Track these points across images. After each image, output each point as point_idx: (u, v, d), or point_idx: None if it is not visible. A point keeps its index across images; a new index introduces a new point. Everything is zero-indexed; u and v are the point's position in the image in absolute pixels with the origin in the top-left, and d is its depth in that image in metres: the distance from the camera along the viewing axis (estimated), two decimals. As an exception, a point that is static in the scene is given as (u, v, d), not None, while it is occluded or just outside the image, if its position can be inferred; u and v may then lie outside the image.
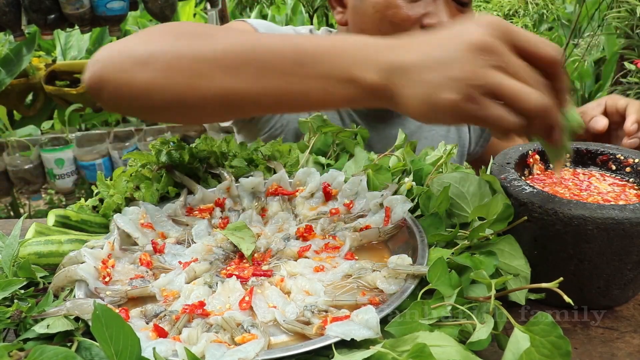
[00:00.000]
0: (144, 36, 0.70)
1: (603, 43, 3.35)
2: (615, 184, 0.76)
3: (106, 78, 0.68)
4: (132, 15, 3.92)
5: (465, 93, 0.52)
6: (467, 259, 0.64)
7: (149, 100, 0.67)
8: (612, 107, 0.95)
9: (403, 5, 0.97)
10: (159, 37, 0.69)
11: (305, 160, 0.95)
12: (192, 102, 0.65)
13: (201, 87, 0.64)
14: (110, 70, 0.68)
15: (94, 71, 0.69)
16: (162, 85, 0.65)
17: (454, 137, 1.26)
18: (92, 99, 2.91)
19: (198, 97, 0.65)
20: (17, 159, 2.67)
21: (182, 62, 0.65)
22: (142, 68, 0.66)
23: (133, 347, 0.51)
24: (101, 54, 0.70)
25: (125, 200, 0.84)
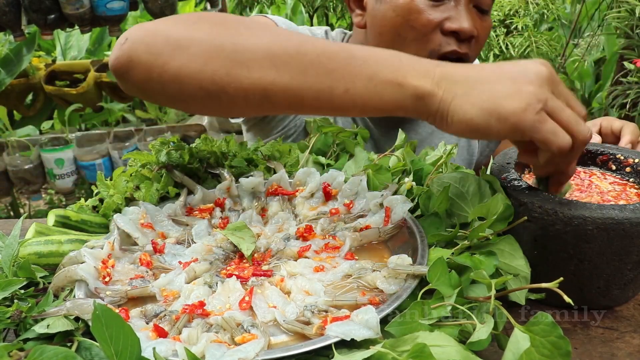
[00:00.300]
0: (180, 21, 0.67)
1: (603, 43, 3.35)
2: (617, 183, 0.76)
3: (137, 59, 0.64)
4: (132, 15, 3.92)
5: (530, 104, 0.57)
6: (467, 259, 0.64)
7: (183, 86, 0.63)
8: (607, 127, 0.97)
9: (425, 10, 0.96)
10: (197, 23, 0.66)
11: (305, 160, 0.95)
12: (229, 91, 0.63)
13: (240, 77, 0.62)
14: (142, 50, 0.64)
15: (123, 50, 0.66)
16: (199, 72, 0.62)
17: (464, 144, 1.26)
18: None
19: (236, 87, 0.62)
20: (17, 159, 2.67)
21: (224, 50, 0.62)
22: (179, 52, 0.63)
23: (133, 347, 0.51)
24: (132, 33, 0.66)
25: (125, 200, 0.84)
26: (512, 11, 2.23)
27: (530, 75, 0.58)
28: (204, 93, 0.64)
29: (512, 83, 0.58)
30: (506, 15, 2.24)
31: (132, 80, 0.67)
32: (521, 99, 0.57)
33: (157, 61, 0.64)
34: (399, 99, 0.60)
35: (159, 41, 0.64)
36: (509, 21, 2.22)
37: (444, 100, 0.59)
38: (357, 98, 0.61)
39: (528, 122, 0.57)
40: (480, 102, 0.58)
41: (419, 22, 0.96)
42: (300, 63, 0.61)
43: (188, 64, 0.63)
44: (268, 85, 0.62)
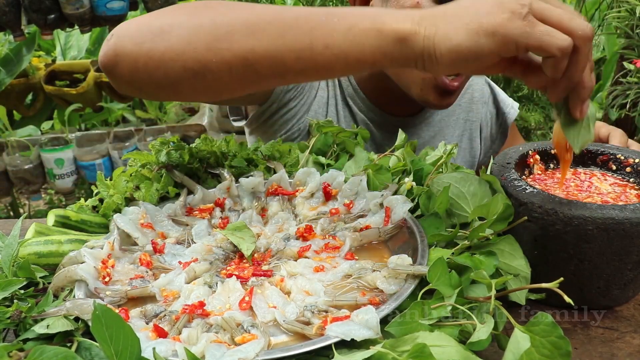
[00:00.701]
0: (160, 12, 0.69)
1: (603, 43, 3.35)
2: (617, 184, 0.76)
3: (122, 51, 0.66)
4: (132, 15, 3.92)
5: (514, 11, 0.54)
6: (467, 259, 0.64)
7: (168, 70, 0.65)
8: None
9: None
10: (176, 11, 0.68)
11: (305, 160, 0.95)
12: (212, 67, 0.63)
13: (222, 50, 0.62)
14: (127, 42, 0.66)
15: (109, 45, 0.68)
16: (182, 53, 0.63)
17: (466, 146, 1.26)
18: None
19: (218, 60, 0.63)
20: (17, 159, 2.67)
21: (203, 27, 0.63)
22: (161, 37, 0.64)
23: (133, 347, 0.51)
24: (118, 29, 0.68)
25: (125, 200, 0.84)
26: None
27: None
28: (189, 73, 0.64)
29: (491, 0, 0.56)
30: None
31: (120, 74, 0.68)
32: (504, 8, 0.55)
33: (141, 50, 0.65)
34: (381, 45, 0.59)
35: (142, 31, 0.66)
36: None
37: (428, 36, 0.57)
38: (338, 51, 0.60)
39: (517, 29, 0.54)
40: (464, 25, 0.56)
41: None
42: (278, 27, 0.61)
43: (171, 47, 0.64)
44: (248, 54, 0.62)
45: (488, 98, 1.27)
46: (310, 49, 0.61)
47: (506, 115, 1.29)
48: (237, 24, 0.63)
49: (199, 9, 0.67)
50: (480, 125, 1.26)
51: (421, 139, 1.19)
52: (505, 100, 1.30)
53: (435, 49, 0.57)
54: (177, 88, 0.69)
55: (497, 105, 1.29)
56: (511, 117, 1.29)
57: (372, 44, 0.59)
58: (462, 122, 1.24)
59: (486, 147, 1.30)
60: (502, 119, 1.30)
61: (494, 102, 1.29)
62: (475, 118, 1.25)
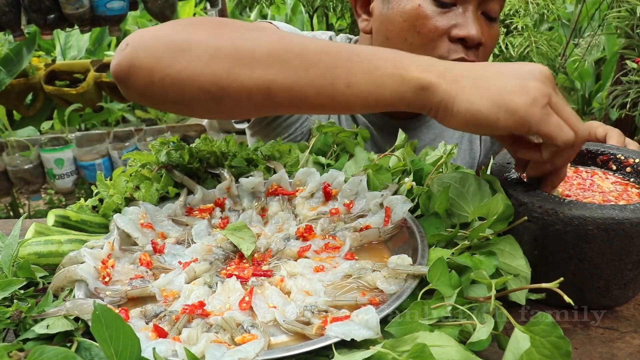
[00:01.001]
0: (179, 26, 0.67)
1: (603, 43, 3.35)
2: (618, 183, 0.76)
3: (138, 63, 0.65)
4: (132, 15, 3.92)
5: (537, 98, 0.59)
6: (467, 259, 0.64)
7: (185, 89, 0.64)
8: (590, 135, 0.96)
9: (432, 16, 0.95)
10: (197, 26, 0.66)
11: (305, 160, 0.95)
12: (230, 92, 0.63)
13: (242, 76, 0.62)
14: (144, 55, 0.64)
15: (124, 55, 0.66)
16: (200, 74, 0.62)
17: (465, 148, 1.26)
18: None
19: (238, 86, 0.62)
20: (16, 159, 2.67)
21: (223, 50, 0.62)
22: (180, 55, 0.63)
23: (133, 348, 0.51)
24: (133, 38, 0.66)
25: (125, 200, 0.84)
26: (512, 11, 2.23)
27: (534, 73, 0.60)
28: (206, 95, 0.64)
29: (518, 79, 0.60)
30: (506, 15, 2.23)
31: (133, 85, 0.67)
32: (529, 93, 0.59)
33: (158, 65, 0.64)
34: (400, 91, 0.61)
35: (159, 45, 0.64)
36: (509, 21, 2.22)
37: (449, 91, 0.60)
38: (359, 92, 0.61)
39: (536, 116, 0.58)
40: (489, 94, 0.59)
41: (426, 28, 0.95)
42: (302, 60, 0.61)
43: (189, 66, 0.63)
44: (270, 84, 0.62)
45: None
46: (332, 86, 0.61)
47: None
48: (260, 50, 0.62)
49: (219, 28, 0.65)
50: None
51: (421, 142, 1.19)
52: None
53: (454, 105, 0.60)
54: (191, 107, 0.68)
55: None
56: None
57: (393, 89, 0.61)
58: None
59: (486, 149, 1.30)
60: None
61: None
62: None
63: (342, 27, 3.71)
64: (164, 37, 0.65)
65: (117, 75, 0.67)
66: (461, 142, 1.24)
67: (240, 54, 0.62)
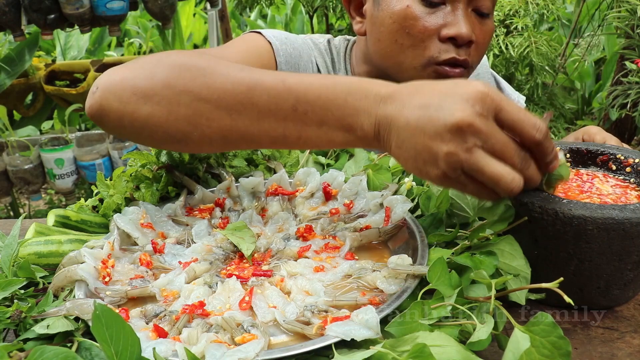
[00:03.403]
0: (144, 67, 0.69)
1: (603, 43, 3.35)
2: (618, 186, 0.76)
3: (108, 107, 0.68)
4: (132, 15, 3.93)
5: (445, 171, 0.57)
6: (467, 259, 0.64)
7: (153, 133, 0.68)
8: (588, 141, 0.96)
9: (421, 16, 0.94)
10: (160, 70, 0.68)
11: (305, 160, 0.95)
12: (193, 138, 0.67)
13: (202, 126, 0.66)
14: (112, 100, 0.68)
15: (95, 99, 0.69)
16: (165, 121, 0.66)
17: None
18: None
19: (200, 134, 0.66)
20: (17, 159, 2.67)
21: (183, 99, 0.65)
22: (144, 101, 0.66)
23: (133, 347, 0.51)
24: (102, 82, 0.69)
25: (125, 200, 0.84)
26: (512, 11, 2.23)
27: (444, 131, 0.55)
28: (173, 139, 0.68)
29: (429, 142, 0.56)
30: (506, 15, 2.23)
31: (107, 126, 0.71)
32: (435, 164, 0.57)
33: (126, 109, 0.67)
34: (349, 141, 0.64)
35: (126, 90, 0.67)
36: (509, 21, 2.22)
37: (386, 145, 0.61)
38: (310, 142, 0.66)
39: (448, 186, 0.60)
40: (408, 159, 0.59)
41: (415, 29, 0.95)
42: (252, 112, 0.64)
43: (153, 114, 0.66)
44: (227, 133, 0.66)
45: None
46: (283, 138, 0.65)
47: None
48: (214, 100, 0.65)
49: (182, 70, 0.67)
50: None
51: None
52: (511, 94, 1.30)
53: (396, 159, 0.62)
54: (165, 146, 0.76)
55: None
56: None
57: (342, 140, 0.64)
58: None
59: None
60: None
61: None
62: None
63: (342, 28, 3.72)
64: (130, 80, 0.68)
65: (91, 117, 0.71)
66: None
67: (197, 104, 0.65)
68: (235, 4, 3.35)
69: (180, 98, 0.65)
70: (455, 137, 0.55)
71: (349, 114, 0.62)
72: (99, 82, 0.70)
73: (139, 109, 0.66)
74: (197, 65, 0.68)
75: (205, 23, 3.79)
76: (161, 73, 0.67)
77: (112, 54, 3.84)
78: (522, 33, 2.18)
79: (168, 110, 0.66)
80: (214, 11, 2.84)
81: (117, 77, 0.69)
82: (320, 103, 0.62)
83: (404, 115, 0.59)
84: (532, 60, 2.18)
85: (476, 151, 0.55)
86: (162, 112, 0.66)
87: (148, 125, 0.67)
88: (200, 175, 0.91)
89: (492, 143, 0.55)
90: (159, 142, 0.72)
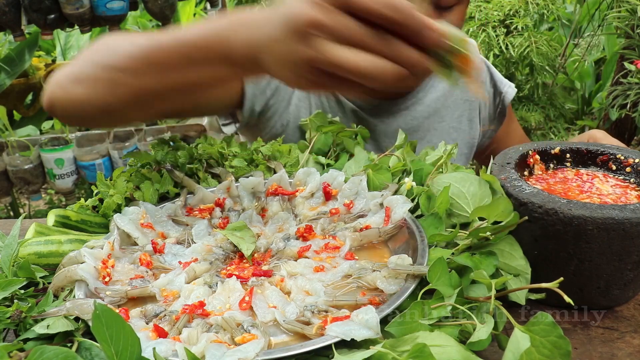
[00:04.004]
0: (80, 58, 0.79)
1: (603, 43, 3.35)
2: (618, 186, 0.76)
3: (54, 97, 0.79)
4: (132, 15, 3.92)
5: (297, 73, 0.55)
6: (467, 259, 0.64)
7: (86, 111, 0.78)
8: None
9: None
10: (87, 55, 0.79)
11: (305, 160, 0.95)
12: (117, 106, 0.76)
13: (119, 93, 0.74)
14: (56, 89, 0.79)
15: (46, 93, 0.80)
16: (94, 96, 0.76)
17: (465, 128, 1.23)
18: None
19: (119, 100, 0.75)
20: (17, 159, 2.67)
21: (100, 73, 0.75)
22: (76, 85, 0.77)
23: (133, 347, 0.51)
24: (52, 77, 0.80)
25: (125, 200, 0.84)
26: (512, 11, 2.23)
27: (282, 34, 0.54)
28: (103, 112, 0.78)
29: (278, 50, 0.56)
30: (506, 15, 2.23)
31: (58, 114, 0.81)
32: (289, 68, 0.56)
33: (66, 95, 0.78)
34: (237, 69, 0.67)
35: (64, 79, 0.79)
36: (509, 21, 2.22)
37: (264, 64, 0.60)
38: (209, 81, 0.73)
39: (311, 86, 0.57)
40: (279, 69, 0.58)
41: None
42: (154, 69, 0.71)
43: (84, 92, 0.76)
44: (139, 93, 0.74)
45: (485, 77, 1.26)
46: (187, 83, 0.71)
47: (504, 95, 1.27)
48: (123, 67, 0.73)
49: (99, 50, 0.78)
50: (479, 105, 1.24)
51: (415, 120, 1.16)
52: (502, 80, 1.29)
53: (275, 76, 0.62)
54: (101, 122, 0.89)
55: (494, 85, 1.27)
56: (509, 97, 1.28)
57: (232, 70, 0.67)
58: (461, 102, 1.22)
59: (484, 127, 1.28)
60: (499, 99, 1.28)
61: (491, 81, 1.27)
62: (474, 98, 1.23)
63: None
64: (67, 69, 0.79)
65: (46, 109, 0.80)
66: (460, 121, 1.22)
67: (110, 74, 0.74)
68: (235, 4, 3.35)
69: (99, 72, 0.75)
70: (301, 37, 0.52)
71: (226, 46, 0.63)
72: (50, 78, 0.80)
73: (74, 91, 0.77)
74: (112, 40, 0.77)
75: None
76: (87, 56, 0.79)
77: (112, 54, 3.83)
78: (522, 33, 2.18)
79: (93, 86, 0.75)
80: (214, 11, 2.83)
81: (60, 70, 0.80)
82: (202, 45, 0.66)
83: (263, 33, 0.58)
84: (532, 60, 2.18)
85: (324, 45, 0.51)
86: (89, 89, 0.75)
87: (83, 105, 0.77)
88: (200, 175, 0.91)
89: (340, 32, 0.51)
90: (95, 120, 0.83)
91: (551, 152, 0.81)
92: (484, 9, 2.27)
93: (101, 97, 0.75)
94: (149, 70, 0.71)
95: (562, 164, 0.82)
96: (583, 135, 1.02)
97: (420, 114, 1.18)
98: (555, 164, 0.82)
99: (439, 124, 1.20)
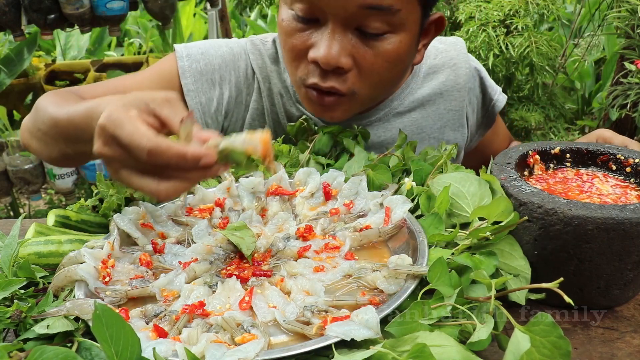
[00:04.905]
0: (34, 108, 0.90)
1: (603, 43, 3.35)
2: (618, 186, 0.76)
3: (26, 143, 0.95)
4: (132, 15, 3.92)
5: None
6: (467, 259, 0.64)
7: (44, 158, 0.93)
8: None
9: (292, 33, 0.87)
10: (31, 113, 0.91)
11: (306, 160, 0.95)
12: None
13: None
14: (23, 136, 0.96)
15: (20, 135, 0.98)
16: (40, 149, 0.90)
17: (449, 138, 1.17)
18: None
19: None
20: (17, 159, 2.67)
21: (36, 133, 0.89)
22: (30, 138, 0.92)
23: (133, 347, 0.51)
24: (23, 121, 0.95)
25: (125, 200, 0.84)
26: (512, 11, 2.23)
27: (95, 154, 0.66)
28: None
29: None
30: (506, 15, 2.23)
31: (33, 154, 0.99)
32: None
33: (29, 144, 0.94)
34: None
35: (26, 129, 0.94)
36: (509, 21, 2.22)
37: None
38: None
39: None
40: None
41: (286, 45, 0.90)
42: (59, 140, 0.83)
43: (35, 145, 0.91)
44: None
45: (474, 83, 1.18)
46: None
47: (495, 103, 1.21)
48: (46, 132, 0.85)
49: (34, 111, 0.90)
50: (466, 113, 1.17)
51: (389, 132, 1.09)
52: (493, 86, 1.22)
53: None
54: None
55: (483, 90, 1.21)
56: (500, 105, 1.22)
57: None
58: (444, 112, 1.14)
59: (471, 134, 1.22)
60: (489, 105, 1.22)
61: (480, 87, 1.20)
62: (458, 107, 1.15)
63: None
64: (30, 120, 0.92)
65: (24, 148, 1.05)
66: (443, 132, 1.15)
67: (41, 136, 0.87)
68: (235, 4, 3.35)
69: (35, 132, 0.89)
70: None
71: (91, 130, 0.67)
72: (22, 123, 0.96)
73: (29, 143, 0.93)
74: (39, 106, 0.88)
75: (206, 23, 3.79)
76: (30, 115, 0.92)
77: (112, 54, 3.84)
78: (522, 33, 2.17)
79: (37, 141, 0.90)
80: (214, 11, 2.84)
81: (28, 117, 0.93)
82: (81, 126, 0.74)
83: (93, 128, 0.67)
84: (532, 60, 2.18)
85: (118, 171, 0.64)
86: (36, 143, 0.90)
87: (38, 154, 0.92)
88: (200, 175, 0.91)
89: (125, 162, 0.63)
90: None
91: (551, 152, 0.81)
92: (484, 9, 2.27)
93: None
94: (62, 139, 0.82)
95: (562, 164, 0.82)
96: (591, 135, 1.00)
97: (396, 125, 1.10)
98: (555, 164, 0.82)
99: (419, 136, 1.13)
